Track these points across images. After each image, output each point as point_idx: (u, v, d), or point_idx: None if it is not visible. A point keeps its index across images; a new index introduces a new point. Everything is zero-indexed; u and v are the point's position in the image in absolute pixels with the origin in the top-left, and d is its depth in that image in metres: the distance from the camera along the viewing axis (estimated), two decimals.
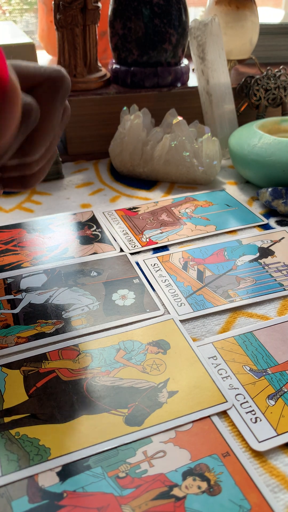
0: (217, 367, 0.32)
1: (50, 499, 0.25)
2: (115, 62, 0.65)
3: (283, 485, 0.26)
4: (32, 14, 0.95)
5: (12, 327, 0.36)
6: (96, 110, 0.62)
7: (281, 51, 0.81)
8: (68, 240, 0.46)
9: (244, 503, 0.24)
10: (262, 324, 0.36)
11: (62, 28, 0.59)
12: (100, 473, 0.26)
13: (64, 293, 0.39)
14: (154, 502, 0.25)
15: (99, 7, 0.59)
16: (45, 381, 0.31)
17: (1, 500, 0.25)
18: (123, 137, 0.57)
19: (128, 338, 0.35)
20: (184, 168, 0.56)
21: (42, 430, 0.28)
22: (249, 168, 0.54)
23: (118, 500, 0.25)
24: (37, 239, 0.46)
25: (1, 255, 0.44)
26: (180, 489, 0.25)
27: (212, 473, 0.26)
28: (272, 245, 0.45)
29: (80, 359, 0.33)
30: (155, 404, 0.30)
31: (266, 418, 0.29)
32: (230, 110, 0.63)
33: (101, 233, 0.47)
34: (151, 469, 0.26)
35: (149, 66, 0.62)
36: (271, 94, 0.65)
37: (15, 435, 0.28)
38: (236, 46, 0.67)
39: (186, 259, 0.43)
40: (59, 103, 0.31)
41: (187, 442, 0.28)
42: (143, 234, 0.47)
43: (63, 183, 0.58)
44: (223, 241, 0.46)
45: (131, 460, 0.27)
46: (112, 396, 0.30)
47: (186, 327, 0.36)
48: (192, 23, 0.59)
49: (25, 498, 0.25)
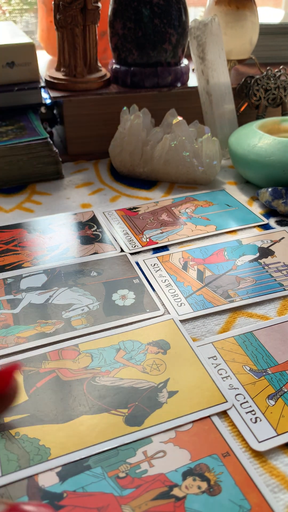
0: (217, 367, 0.32)
1: (50, 499, 0.25)
2: (115, 62, 0.65)
3: (283, 485, 0.26)
4: (32, 14, 0.95)
5: (12, 327, 0.36)
6: (96, 110, 0.62)
7: (281, 51, 0.81)
8: (69, 240, 0.46)
9: (244, 503, 0.24)
10: (262, 324, 0.36)
11: (62, 28, 0.59)
12: (100, 473, 0.26)
13: (64, 293, 0.39)
14: (154, 502, 0.25)
15: (99, 7, 0.59)
16: (45, 381, 0.31)
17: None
18: (123, 137, 0.57)
19: (128, 338, 0.35)
20: (184, 168, 0.56)
21: (42, 430, 0.28)
22: (249, 168, 0.54)
23: (118, 500, 0.25)
24: (37, 239, 0.46)
25: (1, 255, 0.44)
26: (180, 489, 0.25)
27: (212, 473, 0.26)
28: (272, 245, 0.45)
29: (80, 359, 0.33)
30: (155, 404, 0.30)
31: (266, 418, 0.29)
32: (230, 110, 0.63)
33: (101, 233, 0.47)
34: (151, 469, 0.26)
35: (149, 66, 0.62)
36: (271, 94, 0.65)
37: (15, 435, 0.28)
38: (236, 46, 0.67)
39: (186, 259, 0.43)
40: None
41: (187, 442, 0.28)
42: (143, 234, 0.47)
43: (63, 183, 0.58)
44: (223, 241, 0.46)
45: (131, 460, 0.27)
46: (112, 396, 0.30)
47: (186, 327, 0.36)
48: (192, 23, 0.59)
49: (25, 498, 0.25)
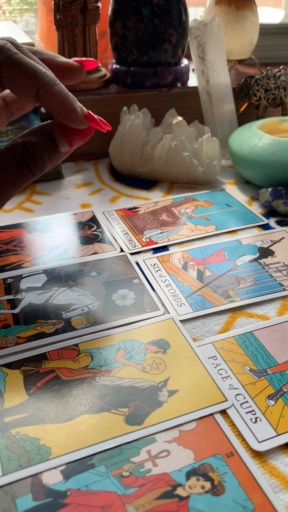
0: (217, 367, 0.32)
1: (54, 497, 0.25)
2: (115, 62, 0.65)
3: (283, 485, 0.26)
4: (32, 14, 0.95)
5: (12, 327, 0.36)
6: (96, 110, 0.62)
7: (281, 51, 0.81)
8: (69, 240, 0.46)
9: (248, 504, 0.25)
10: (262, 324, 0.36)
11: (62, 28, 0.59)
12: (104, 471, 0.26)
13: (64, 293, 0.39)
14: (158, 502, 0.25)
15: (99, 7, 0.59)
16: (45, 381, 0.31)
17: (6, 498, 0.25)
18: (123, 137, 0.57)
19: (127, 338, 0.35)
20: (184, 168, 0.56)
21: (43, 430, 0.28)
22: (249, 168, 0.54)
23: (122, 499, 0.25)
24: (37, 239, 0.46)
25: (1, 255, 0.44)
26: (184, 488, 0.25)
27: (216, 473, 0.26)
28: (272, 245, 0.45)
29: (80, 358, 0.33)
30: (155, 403, 0.30)
31: (266, 418, 0.29)
32: (230, 110, 0.63)
33: (101, 233, 0.47)
34: (155, 469, 0.26)
35: (149, 66, 0.62)
36: (271, 94, 0.65)
37: (15, 435, 0.28)
38: (236, 46, 0.67)
39: (186, 259, 0.43)
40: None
41: (191, 441, 0.28)
42: (143, 234, 0.47)
43: (63, 183, 0.58)
44: (223, 241, 0.46)
45: (135, 459, 0.27)
46: (112, 396, 0.30)
47: (186, 327, 0.36)
48: (192, 23, 0.59)
49: (29, 496, 0.25)
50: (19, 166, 0.31)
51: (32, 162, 0.31)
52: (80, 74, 0.35)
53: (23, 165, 0.31)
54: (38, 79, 0.30)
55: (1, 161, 0.31)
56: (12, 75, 0.30)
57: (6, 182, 0.31)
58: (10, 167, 0.31)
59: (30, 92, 0.30)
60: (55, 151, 0.32)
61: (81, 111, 0.32)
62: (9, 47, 0.30)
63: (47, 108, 0.31)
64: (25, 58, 0.30)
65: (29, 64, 0.30)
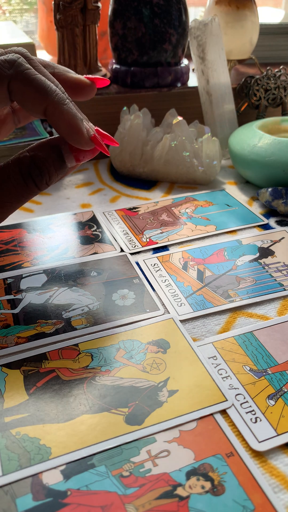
0: (217, 367, 0.32)
1: (54, 497, 0.25)
2: (115, 62, 0.65)
3: (283, 485, 0.26)
4: (32, 14, 0.95)
5: (12, 327, 0.36)
6: (96, 110, 0.62)
7: (281, 51, 0.81)
8: (69, 240, 0.46)
9: (248, 504, 0.25)
10: (262, 324, 0.36)
11: (62, 28, 0.59)
12: (104, 471, 0.26)
13: (64, 293, 0.39)
14: (158, 502, 0.25)
15: (99, 7, 0.59)
16: (45, 381, 0.31)
17: (6, 498, 0.25)
18: (123, 137, 0.57)
19: (127, 338, 0.35)
20: (184, 168, 0.56)
21: (43, 430, 0.28)
22: (249, 168, 0.54)
23: (122, 499, 0.25)
24: (37, 239, 0.46)
25: (1, 255, 0.44)
26: (184, 488, 0.25)
27: (216, 473, 0.26)
28: (272, 245, 0.45)
29: (80, 358, 0.33)
30: (155, 403, 0.30)
31: (266, 418, 0.29)
32: (230, 110, 0.63)
33: (101, 233, 0.47)
34: (155, 468, 0.26)
35: (149, 66, 0.62)
36: (271, 94, 0.65)
37: (15, 434, 0.28)
38: (236, 46, 0.67)
39: (186, 259, 0.43)
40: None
41: (191, 441, 0.28)
42: (143, 234, 0.47)
43: (63, 183, 0.58)
44: (223, 241, 0.46)
45: (135, 459, 0.27)
46: (113, 395, 0.30)
47: (186, 327, 0.36)
48: (192, 23, 0.59)
49: (29, 496, 0.25)
50: (24, 180, 0.31)
51: (39, 176, 0.31)
52: (90, 92, 0.35)
53: (28, 178, 0.31)
54: (48, 97, 0.30)
55: (7, 174, 0.31)
56: (22, 91, 0.30)
57: (10, 195, 0.31)
58: (16, 180, 0.31)
59: (38, 109, 0.30)
60: (62, 167, 0.32)
61: (87, 133, 0.31)
62: (21, 61, 0.30)
63: (54, 126, 0.31)
64: (36, 75, 0.30)
65: (40, 80, 0.30)
